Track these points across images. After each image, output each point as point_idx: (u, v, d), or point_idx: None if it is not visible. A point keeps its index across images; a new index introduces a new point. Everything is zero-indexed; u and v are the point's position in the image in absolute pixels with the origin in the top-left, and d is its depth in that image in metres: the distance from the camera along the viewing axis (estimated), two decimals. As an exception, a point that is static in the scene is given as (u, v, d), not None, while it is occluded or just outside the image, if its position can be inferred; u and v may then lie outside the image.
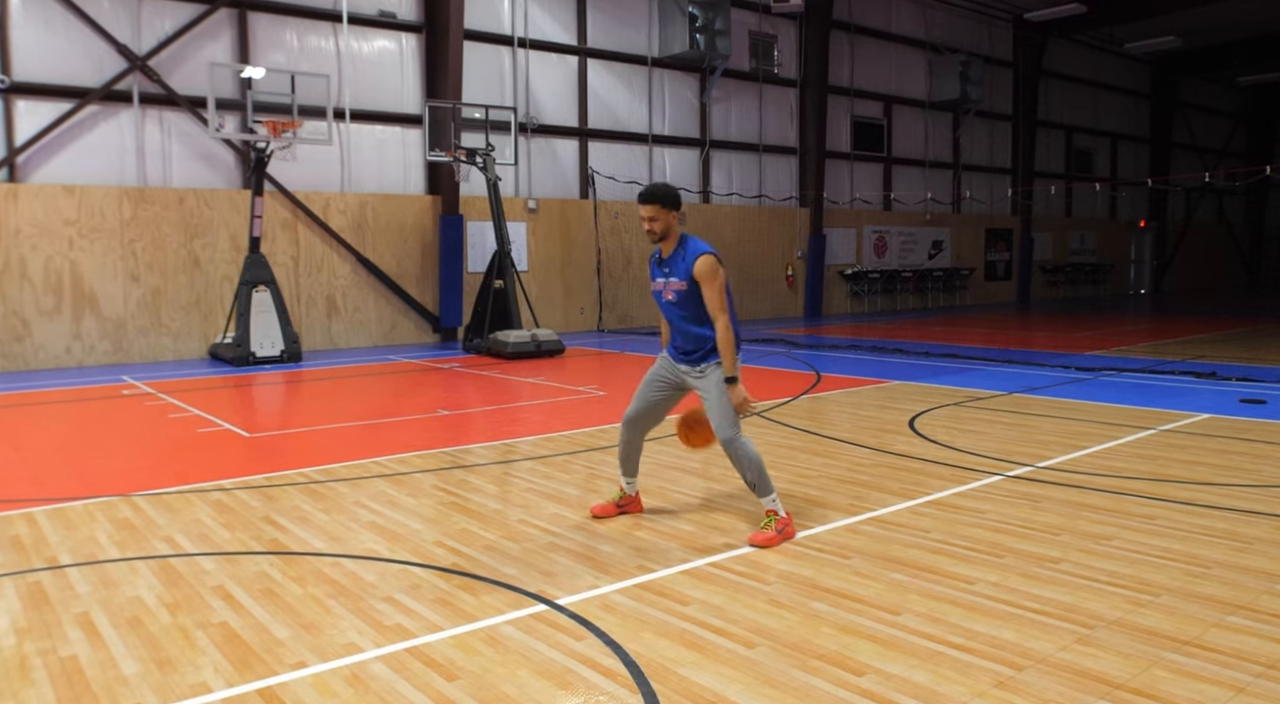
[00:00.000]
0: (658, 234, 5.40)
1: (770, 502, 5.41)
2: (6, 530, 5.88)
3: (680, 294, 5.37)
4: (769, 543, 5.27)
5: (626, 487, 5.95)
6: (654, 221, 5.39)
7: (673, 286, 5.38)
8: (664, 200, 5.37)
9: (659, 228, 5.39)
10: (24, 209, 14.82)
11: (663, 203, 5.37)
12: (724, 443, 5.37)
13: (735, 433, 5.35)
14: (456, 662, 3.84)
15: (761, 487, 5.39)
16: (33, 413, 10.61)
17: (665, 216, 5.39)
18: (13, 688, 3.65)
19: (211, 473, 7.41)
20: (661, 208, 5.37)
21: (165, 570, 5.08)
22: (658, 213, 5.37)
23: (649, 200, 5.38)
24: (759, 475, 5.37)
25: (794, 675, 3.68)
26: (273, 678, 3.70)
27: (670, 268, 5.39)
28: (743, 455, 5.34)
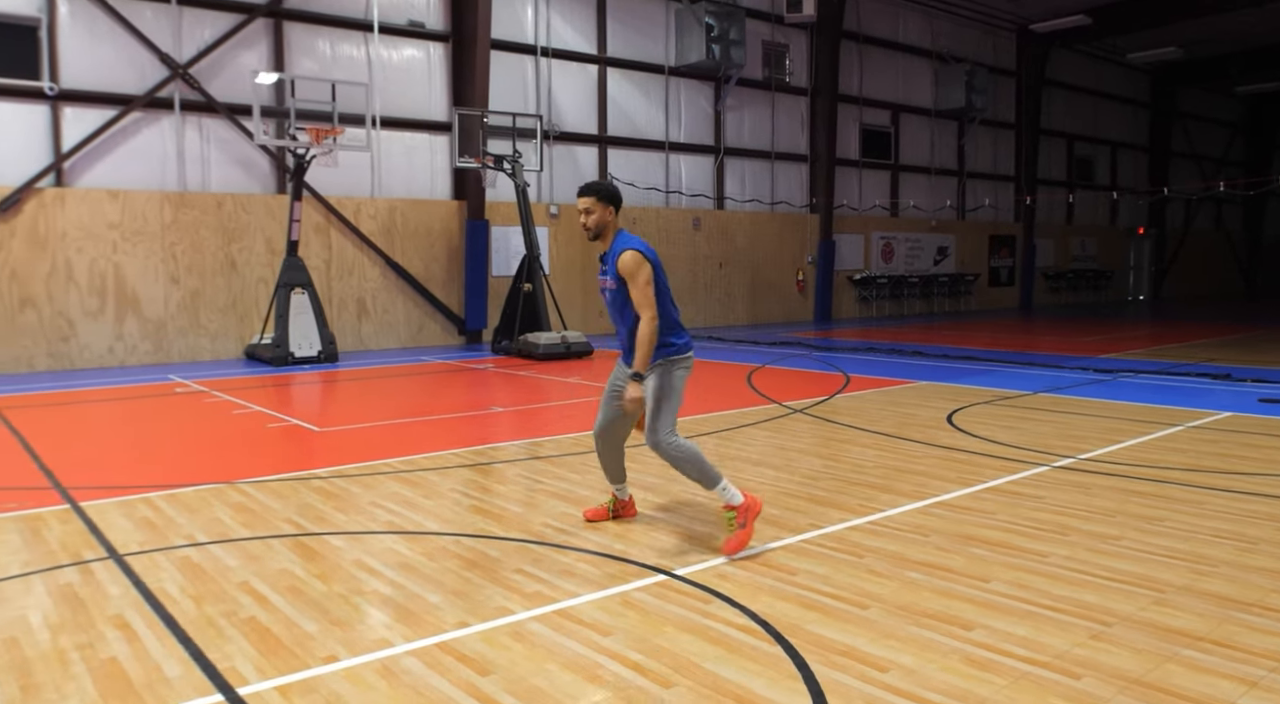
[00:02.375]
0: (591, 229, 5.32)
1: (722, 492, 5.22)
2: (134, 512, 6.33)
3: (613, 292, 5.29)
4: (740, 546, 5.18)
5: (618, 492, 5.87)
6: (589, 215, 5.30)
7: (608, 284, 5.32)
8: (600, 194, 5.30)
9: (592, 222, 5.31)
10: (70, 213, 15.24)
11: (599, 196, 5.29)
12: (651, 446, 5.23)
13: (660, 438, 5.18)
14: (604, 622, 4.31)
15: (705, 480, 5.21)
16: (97, 409, 11.05)
17: (601, 211, 5.31)
18: (214, 642, 4.12)
19: (299, 463, 7.86)
20: (598, 201, 5.29)
21: (299, 547, 5.54)
22: (594, 205, 5.29)
23: (586, 192, 5.32)
24: (698, 469, 5.20)
25: (911, 630, 4.16)
26: (443, 634, 4.17)
27: (606, 265, 5.32)
28: (673, 458, 5.19)
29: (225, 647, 4.08)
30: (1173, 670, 3.70)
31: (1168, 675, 3.66)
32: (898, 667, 3.79)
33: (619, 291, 5.23)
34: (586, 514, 5.92)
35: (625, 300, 5.26)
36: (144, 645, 4.11)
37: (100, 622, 4.39)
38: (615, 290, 5.26)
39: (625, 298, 5.25)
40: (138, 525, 6.02)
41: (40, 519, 6.20)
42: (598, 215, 5.33)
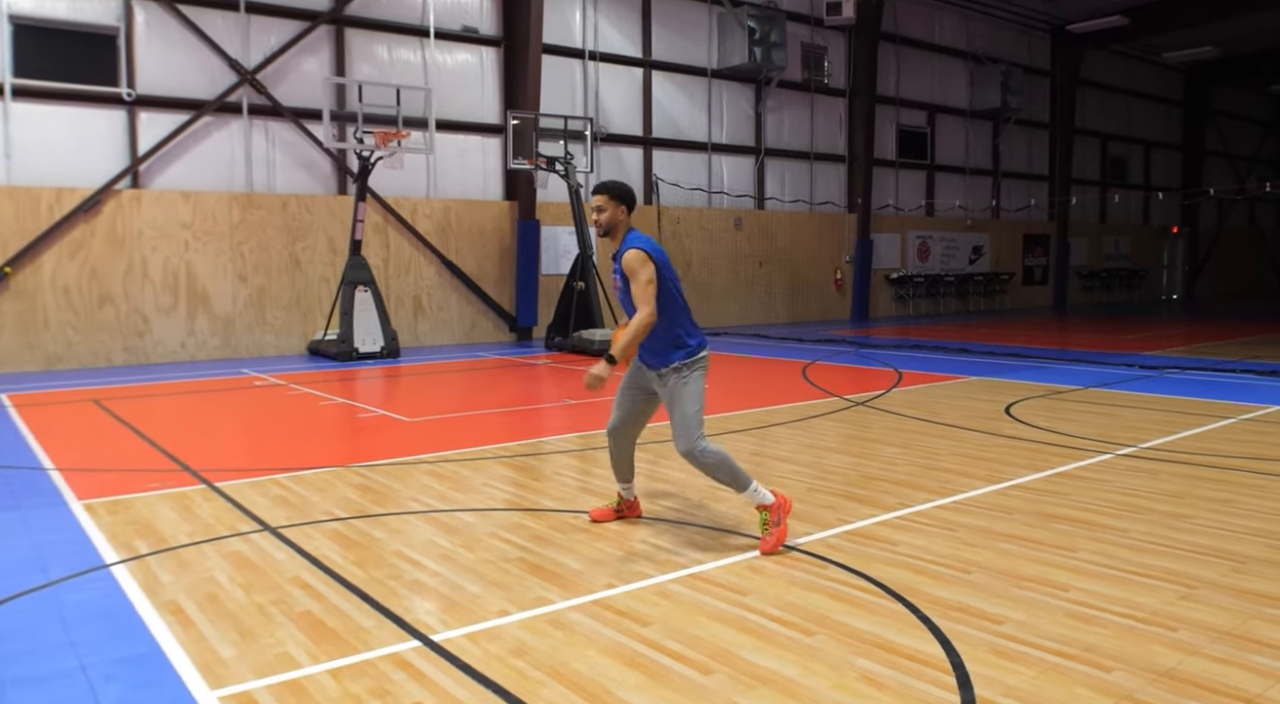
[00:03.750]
0: (603, 226, 5.38)
1: (753, 493, 5.23)
2: (268, 492, 6.88)
3: (622, 290, 5.33)
4: (778, 544, 5.23)
5: (624, 492, 5.90)
6: (600, 213, 5.37)
7: (618, 282, 5.36)
8: (613, 193, 5.38)
9: (604, 219, 5.37)
10: (145, 213, 15.87)
11: (612, 195, 5.37)
12: (683, 455, 5.22)
13: (692, 444, 5.17)
14: (737, 583, 4.82)
15: (736, 484, 5.23)
16: (191, 400, 11.65)
17: (612, 209, 5.36)
18: (391, 600, 4.65)
19: (401, 450, 8.41)
20: (610, 199, 5.36)
21: (433, 522, 6.07)
22: (606, 204, 5.36)
23: (599, 191, 5.41)
24: (729, 473, 5.22)
25: (1014, 591, 4.65)
26: (593, 594, 4.71)
27: (616, 263, 5.35)
28: (705, 464, 5.20)
29: (403, 603, 4.60)
30: (1257, 626, 4.18)
31: (1254, 629, 4.14)
32: (1010, 620, 4.28)
33: (626, 289, 5.26)
34: (592, 514, 5.92)
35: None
36: (330, 601, 4.63)
37: (282, 582, 4.92)
38: (623, 288, 5.29)
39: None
40: (275, 503, 6.56)
41: (186, 497, 6.75)
42: (609, 214, 5.38)
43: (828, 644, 4.02)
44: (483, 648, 4.03)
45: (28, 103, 15.03)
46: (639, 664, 3.85)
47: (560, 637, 4.15)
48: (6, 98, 14.83)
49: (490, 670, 3.80)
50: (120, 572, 5.11)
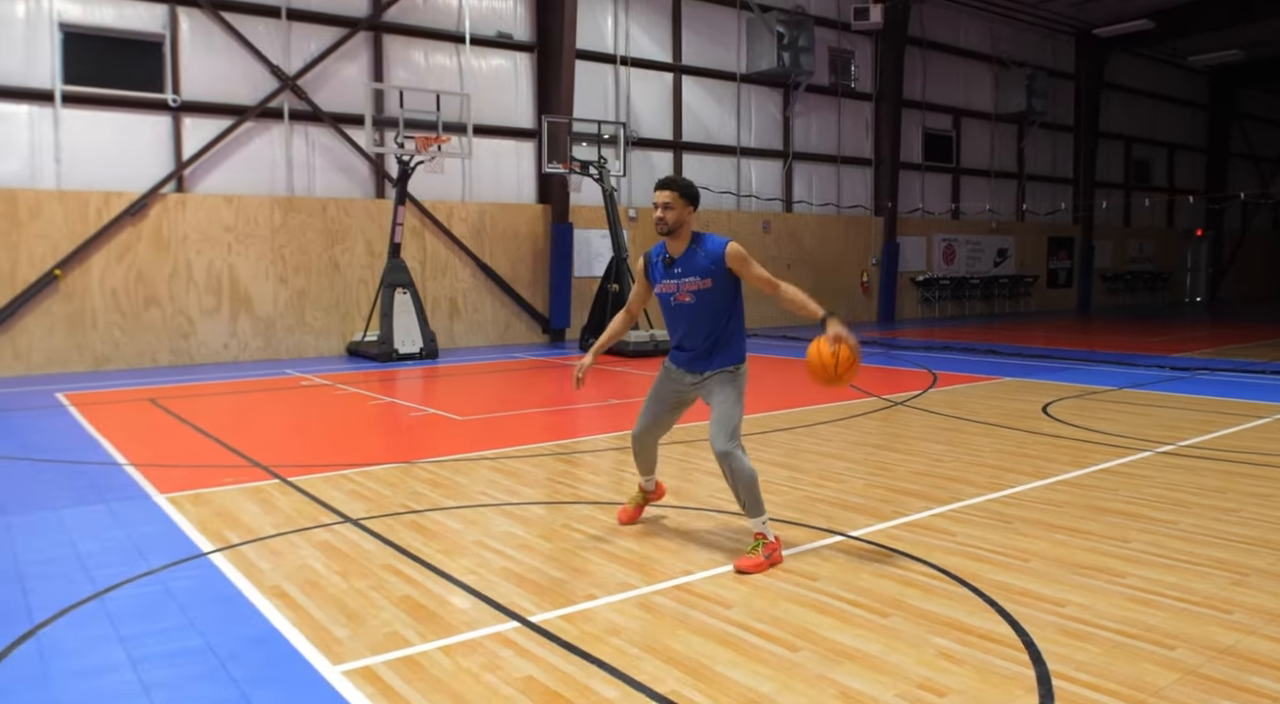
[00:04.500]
0: (669, 224, 5.11)
1: (760, 524, 5.11)
2: (341, 486, 7.18)
3: (700, 293, 5.12)
4: (756, 568, 4.97)
5: (645, 483, 5.90)
6: (668, 210, 5.09)
7: (689, 286, 5.12)
8: (683, 190, 5.14)
9: (671, 218, 5.11)
10: (190, 217, 16.23)
11: (682, 193, 5.12)
12: (719, 455, 5.07)
13: (733, 446, 5.05)
14: (808, 570, 5.08)
15: (753, 506, 5.10)
16: (243, 399, 11.99)
17: (680, 209, 5.12)
18: (483, 585, 4.93)
19: (460, 447, 8.70)
20: (680, 197, 5.11)
21: (508, 514, 6.35)
22: (674, 201, 5.10)
23: (668, 186, 5.12)
24: (751, 494, 5.09)
25: (1072, 578, 4.90)
26: (674, 579, 4.98)
27: (684, 267, 5.12)
28: (738, 470, 5.05)
29: (495, 588, 4.89)
30: (1308, 609, 4.42)
31: (1305, 613, 4.38)
32: (1072, 603, 4.53)
33: (710, 292, 5.06)
34: (620, 517, 5.96)
35: (717, 298, 5.14)
36: (425, 587, 4.92)
37: (375, 569, 5.21)
38: (706, 289, 5.07)
39: (717, 296, 5.13)
40: (350, 496, 6.86)
41: (263, 491, 7.06)
42: (677, 213, 5.11)
43: (903, 625, 4.28)
44: (579, 628, 4.30)
45: (77, 109, 15.41)
46: (729, 642, 4.11)
47: (649, 618, 4.41)
48: (57, 104, 15.20)
49: (590, 648, 4.07)
50: (218, 559, 5.40)
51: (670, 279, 5.22)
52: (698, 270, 5.13)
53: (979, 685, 3.66)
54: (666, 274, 5.24)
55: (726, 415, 5.11)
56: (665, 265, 5.25)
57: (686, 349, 5.29)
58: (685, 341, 5.28)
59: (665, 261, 5.25)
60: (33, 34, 15.00)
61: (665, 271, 5.24)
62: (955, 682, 3.69)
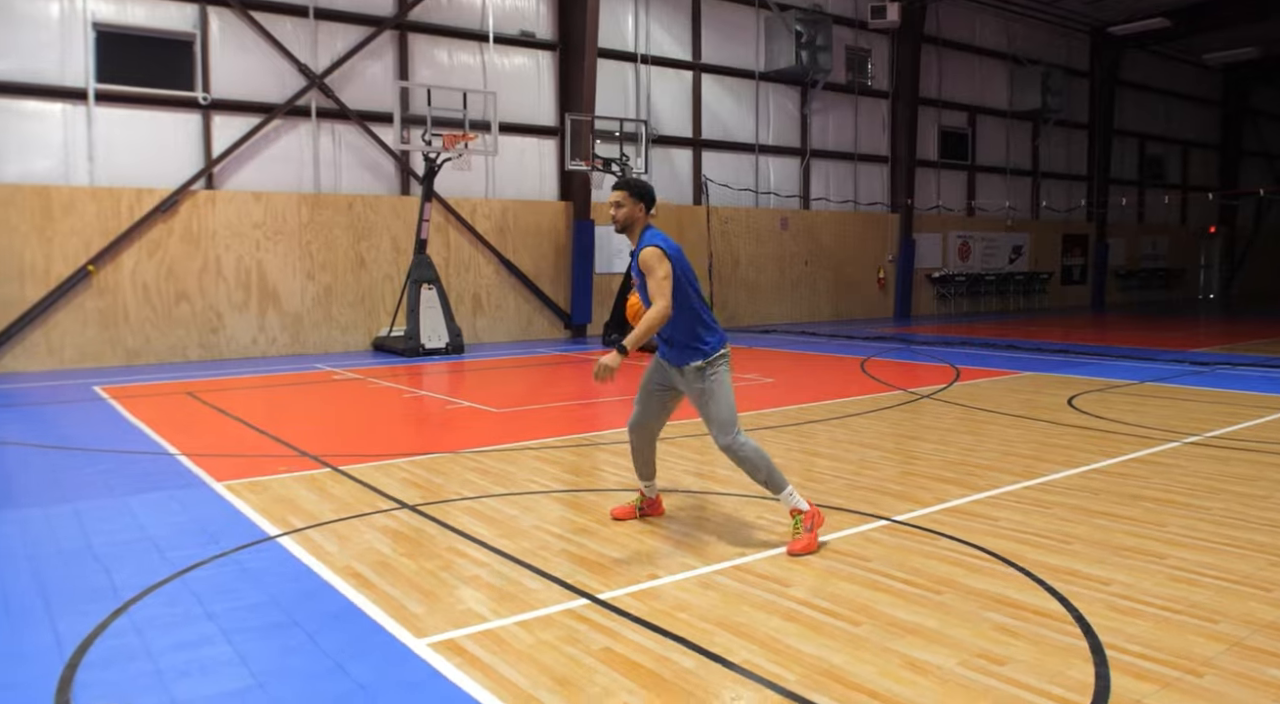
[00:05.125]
0: (620, 222, 5.40)
1: (788, 497, 5.25)
2: (393, 474, 7.39)
3: (640, 287, 5.39)
4: (807, 548, 5.15)
5: (646, 490, 5.94)
6: (618, 208, 5.40)
7: (637, 279, 5.39)
8: (632, 189, 5.41)
9: (621, 215, 5.39)
10: (220, 214, 16.47)
11: (631, 191, 5.39)
12: (722, 449, 5.26)
13: (731, 438, 5.21)
14: (859, 552, 5.28)
15: (773, 484, 5.24)
16: (280, 393, 12.21)
17: (630, 206, 5.38)
18: (548, 566, 5.13)
19: (501, 438, 8.91)
20: (629, 195, 5.38)
21: (559, 500, 6.56)
22: (624, 200, 5.38)
23: (619, 187, 5.44)
24: (768, 472, 5.23)
25: (1114, 559, 5.10)
26: (731, 561, 5.16)
27: (634, 259, 5.38)
28: (745, 458, 5.22)
29: (560, 568, 5.09)
30: (1345, 589, 4.61)
31: (1343, 591, 4.57)
32: (1117, 582, 4.73)
33: (644, 285, 5.28)
34: (614, 512, 5.99)
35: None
36: (492, 567, 5.13)
37: (440, 552, 5.42)
38: (641, 285, 5.33)
39: None
40: (403, 484, 7.07)
41: (317, 479, 7.28)
42: (627, 210, 5.39)
43: (957, 601, 4.48)
44: (647, 605, 4.51)
45: (110, 107, 15.65)
46: (794, 617, 4.31)
47: (714, 596, 4.62)
48: (90, 102, 15.44)
49: (661, 622, 4.28)
50: (286, 542, 5.62)
51: (633, 272, 5.45)
52: (635, 266, 5.37)
53: (1037, 655, 3.86)
54: (632, 266, 5.47)
55: (715, 412, 5.24)
56: (631, 257, 5.50)
57: (662, 338, 5.45)
58: (660, 331, 5.38)
59: (631, 254, 5.52)
60: (67, 33, 15.24)
61: (631, 263, 5.47)
62: (1014, 652, 3.89)
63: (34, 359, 14.94)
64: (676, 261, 5.26)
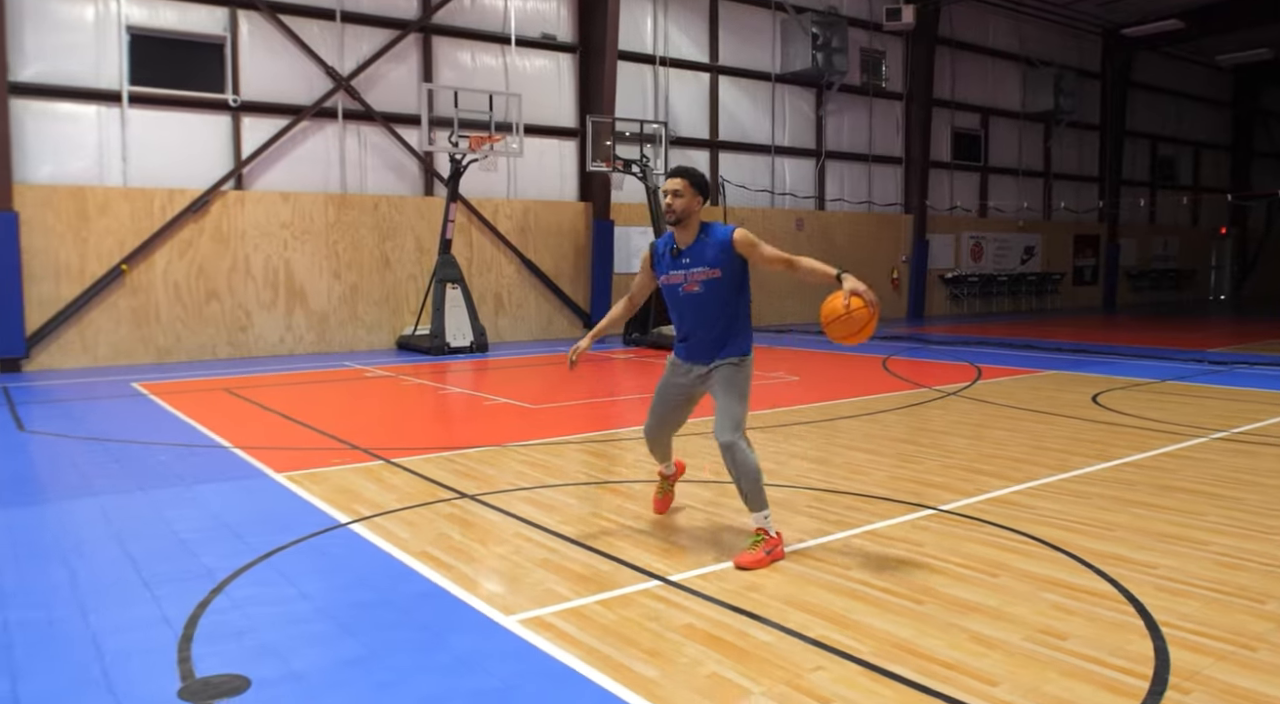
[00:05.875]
0: (677, 213, 5.12)
1: (762, 518, 5.07)
2: (445, 466, 7.64)
3: (710, 283, 5.10)
4: (757, 564, 4.95)
5: (665, 468, 5.94)
6: (677, 197, 5.10)
7: (697, 276, 5.11)
8: (694, 179, 5.15)
9: (680, 206, 5.12)
10: (249, 213, 16.74)
11: (692, 181, 5.14)
12: (723, 446, 5.05)
13: (737, 437, 5.05)
14: (912, 538, 5.52)
15: (755, 499, 5.06)
16: (317, 389, 12.48)
17: (690, 197, 5.12)
18: (613, 549, 5.38)
19: (542, 432, 9.15)
20: (690, 185, 5.12)
21: (612, 491, 6.80)
22: (684, 189, 5.11)
23: (679, 174, 5.15)
24: (753, 487, 5.05)
25: (1157, 545, 5.33)
26: (802, 543, 5.39)
27: (693, 257, 5.11)
28: (741, 462, 5.03)
29: (627, 552, 5.34)
30: (1382, 572, 4.84)
31: (1380, 574, 4.80)
32: (1163, 566, 4.96)
33: (719, 282, 5.07)
34: (656, 508, 6.04)
35: (725, 288, 5.14)
36: (562, 552, 5.37)
37: (509, 537, 5.67)
38: (715, 279, 5.07)
39: (726, 285, 5.13)
40: (458, 475, 7.32)
41: (373, 471, 7.53)
42: (686, 200, 5.12)
43: (1013, 583, 4.72)
44: (717, 586, 4.75)
45: (142, 109, 15.92)
46: (859, 597, 4.56)
47: (781, 578, 4.86)
48: (124, 104, 15.71)
49: (735, 601, 4.52)
50: (359, 529, 5.86)
51: (679, 269, 5.18)
52: (707, 260, 5.10)
53: (1096, 631, 4.10)
54: (674, 264, 5.19)
55: (731, 407, 5.10)
56: (673, 255, 5.21)
57: (694, 340, 5.24)
58: (693, 333, 5.24)
59: (673, 252, 5.21)
60: (101, 37, 15.51)
61: (673, 262, 5.20)
62: (1073, 628, 4.13)
63: (69, 356, 15.21)
64: None
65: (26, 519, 6.13)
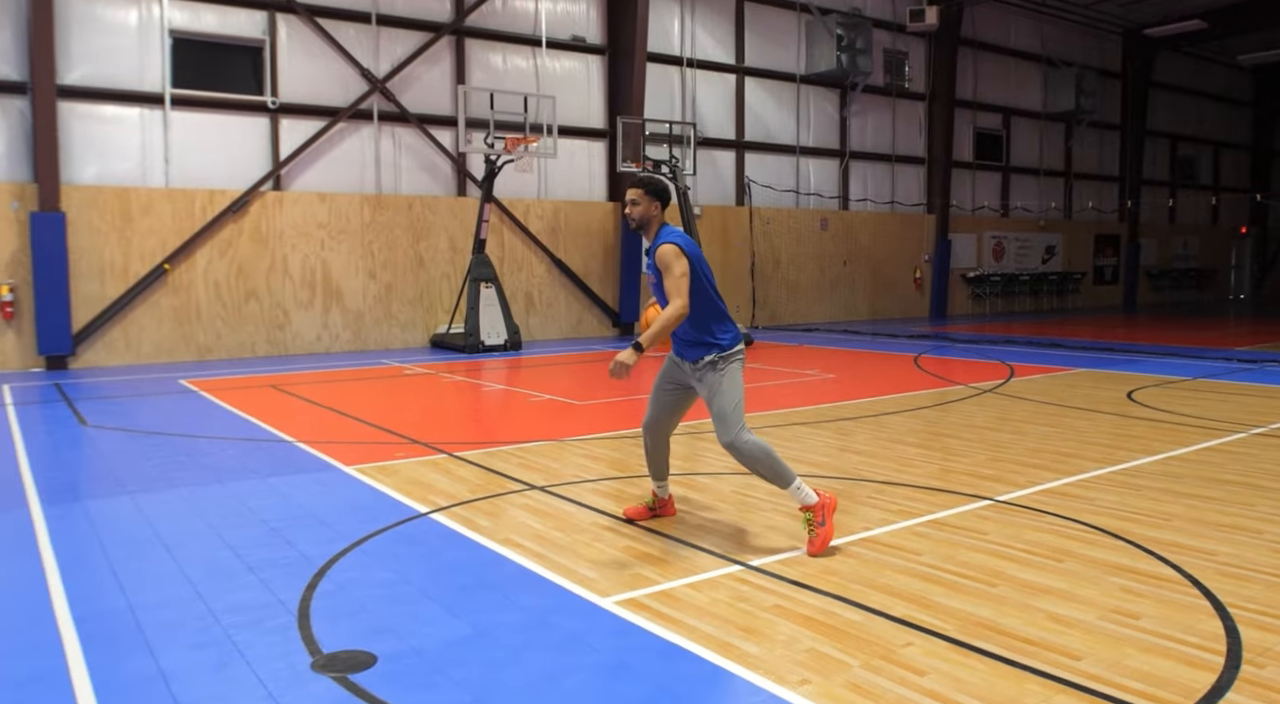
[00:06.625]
0: (635, 219, 5.39)
1: (795, 491, 5.20)
2: (507, 459, 7.89)
3: (655, 285, 5.37)
4: (825, 542, 5.18)
5: (659, 490, 5.93)
6: (634, 206, 5.39)
7: (652, 277, 5.36)
8: (648, 187, 5.40)
9: (637, 213, 5.39)
10: (287, 214, 17.03)
11: (647, 189, 5.39)
12: (726, 448, 5.24)
13: (734, 435, 5.17)
14: (976, 527, 5.75)
15: (779, 478, 5.19)
16: (361, 386, 12.74)
17: (646, 204, 5.38)
18: (697, 537, 5.62)
19: (595, 427, 9.41)
20: (645, 194, 5.38)
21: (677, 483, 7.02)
22: (640, 197, 5.38)
23: (635, 185, 5.42)
24: (770, 468, 5.18)
25: (1213, 533, 5.55)
26: (856, 534, 5.62)
27: (649, 257, 5.35)
28: (749, 454, 5.18)
29: (705, 539, 5.57)
30: None
31: None
32: (1222, 553, 5.18)
33: (659, 284, 5.27)
34: (627, 512, 6.00)
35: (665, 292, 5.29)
36: (642, 539, 5.61)
37: (586, 526, 5.90)
38: (656, 283, 5.30)
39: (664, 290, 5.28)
40: (522, 468, 7.57)
41: (438, 464, 7.78)
42: (643, 208, 5.38)
43: (1079, 567, 4.95)
44: (797, 570, 4.99)
45: (184, 111, 16.22)
46: (934, 580, 4.79)
47: (854, 563, 5.10)
48: (166, 107, 16.02)
49: (817, 584, 4.76)
50: (440, 518, 6.11)
51: (647, 269, 5.45)
52: (651, 264, 5.33)
53: (1165, 612, 4.33)
54: (646, 264, 5.53)
55: (720, 406, 5.22)
56: (646, 255, 5.45)
57: (675, 336, 5.42)
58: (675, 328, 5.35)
59: (646, 252, 5.53)
60: (145, 41, 15.81)
61: (646, 261, 5.52)
62: (1144, 608, 4.36)
63: (113, 354, 15.51)
64: (694, 258, 5.23)
65: (116, 511, 6.40)
